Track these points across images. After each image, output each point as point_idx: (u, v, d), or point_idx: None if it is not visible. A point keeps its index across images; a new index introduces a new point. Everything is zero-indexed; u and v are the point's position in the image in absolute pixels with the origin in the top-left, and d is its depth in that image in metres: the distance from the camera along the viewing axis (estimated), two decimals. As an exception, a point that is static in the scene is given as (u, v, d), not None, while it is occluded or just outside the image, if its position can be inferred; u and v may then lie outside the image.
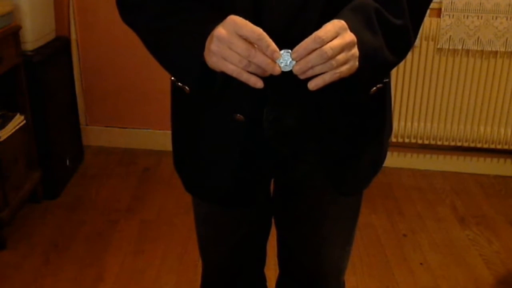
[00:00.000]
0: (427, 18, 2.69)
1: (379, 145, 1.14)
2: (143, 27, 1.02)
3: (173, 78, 1.10)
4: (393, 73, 2.79)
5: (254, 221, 1.25)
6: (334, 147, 1.06)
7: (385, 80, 1.07)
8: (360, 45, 0.88)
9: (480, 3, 2.63)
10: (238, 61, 0.85)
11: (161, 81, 2.12)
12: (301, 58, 0.84)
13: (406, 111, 2.87)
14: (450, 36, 2.69)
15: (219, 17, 0.88)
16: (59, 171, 2.66)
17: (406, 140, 2.91)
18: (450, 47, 2.72)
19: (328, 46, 0.83)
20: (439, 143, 2.90)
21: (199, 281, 1.39)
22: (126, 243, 2.31)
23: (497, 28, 2.66)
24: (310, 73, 0.85)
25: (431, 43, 2.74)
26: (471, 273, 2.19)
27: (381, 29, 0.92)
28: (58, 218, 2.46)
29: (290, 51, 0.85)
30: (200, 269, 1.37)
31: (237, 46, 0.84)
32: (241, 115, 1.00)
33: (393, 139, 2.88)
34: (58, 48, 2.62)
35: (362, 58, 0.89)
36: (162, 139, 2.99)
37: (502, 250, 2.34)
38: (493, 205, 2.67)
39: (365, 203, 1.25)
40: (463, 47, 2.71)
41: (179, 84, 1.06)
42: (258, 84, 0.86)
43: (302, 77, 0.86)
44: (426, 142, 2.91)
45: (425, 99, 2.84)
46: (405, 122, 2.88)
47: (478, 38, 2.68)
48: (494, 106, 2.82)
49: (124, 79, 3.00)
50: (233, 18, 0.85)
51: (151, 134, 3.08)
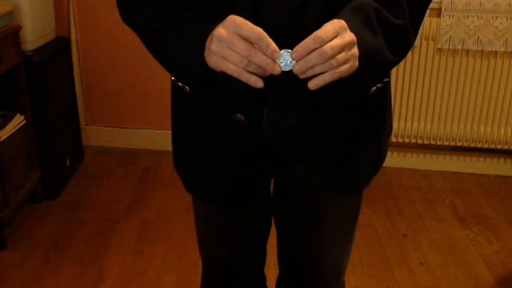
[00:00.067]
0: (427, 18, 2.69)
1: (379, 145, 1.14)
2: (143, 27, 1.02)
3: (173, 78, 1.10)
4: (393, 73, 2.79)
5: (254, 221, 1.25)
6: (334, 147, 1.06)
7: (385, 80, 1.07)
8: (360, 45, 0.88)
9: (480, 3, 2.63)
10: (238, 61, 0.85)
11: (161, 81, 2.12)
12: (301, 58, 0.84)
13: (406, 111, 2.87)
14: (450, 36, 2.69)
15: (219, 17, 0.88)
16: (59, 171, 2.66)
17: (406, 140, 2.91)
18: (450, 47, 2.72)
19: (328, 46, 0.83)
20: (439, 143, 2.90)
21: (199, 281, 1.39)
22: (126, 243, 2.31)
23: (497, 28, 2.66)
24: (310, 73, 0.85)
25: (431, 43, 2.74)
26: (471, 273, 2.19)
27: (381, 29, 0.93)
28: (58, 218, 2.46)
29: (290, 51, 0.85)
30: (200, 269, 1.37)
31: (237, 46, 0.84)
32: (241, 115, 1.00)
33: (393, 139, 2.88)
34: (58, 48, 2.62)
35: (362, 58, 0.89)
36: (162, 139, 2.99)
37: (502, 250, 2.34)
38: (493, 205, 2.67)
39: (365, 203, 1.25)
40: (463, 47, 2.71)
41: (179, 84, 1.07)
42: (259, 84, 0.86)
43: (302, 77, 0.86)
44: (426, 142, 2.91)
45: (425, 99, 2.84)
46: (405, 122, 2.88)
47: (478, 38, 2.68)
48: (494, 106, 2.82)
49: (124, 79, 3.00)
50: (233, 18, 0.86)
51: (151, 134, 3.08)
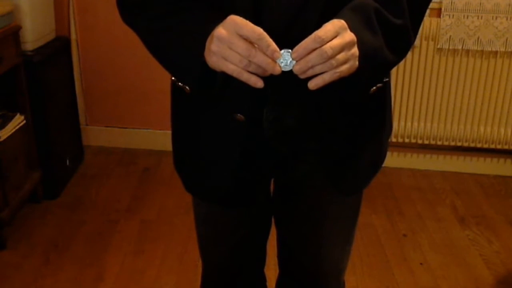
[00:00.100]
0: (427, 18, 2.69)
1: (379, 145, 1.14)
2: (143, 28, 1.02)
3: (173, 78, 1.10)
4: (393, 73, 2.79)
5: (254, 221, 1.25)
6: (334, 147, 1.06)
7: (385, 80, 1.07)
8: (360, 45, 0.88)
9: (480, 3, 2.63)
10: (239, 61, 0.85)
11: (161, 81, 2.12)
12: (301, 58, 0.84)
13: (406, 111, 2.87)
14: (450, 36, 2.69)
15: (219, 17, 0.88)
16: (59, 171, 2.66)
17: (406, 140, 2.91)
18: (450, 47, 2.72)
19: (328, 46, 0.83)
20: (439, 143, 2.90)
21: (199, 281, 1.39)
22: (126, 243, 2.31)
23: (497, 28, 2.66)
24: (310, 73, 0.85)
25: (431, 43, 2.74)
26: (471, 273, 2.19)
27: (381, 29, 0.93)
28: (58, 218, 2.46)
29: (290, 51, 0.85)
30: (200, 269, 1.37)
31: (238, 46, 0.84)
32: (241, 115, 1.00)
33: (393, 139, 2.88)
34: (58, 48, 2.62)
35: (362, 58, 0.89)
36: (162, 139, 2.99)
37: (502, 250, 2.34)
38: (493, 205, 2.67)
39: (365, 203, 1.25)
40: (463, 47, 2.71)
41: (179, 84, 1.07)
42: (259, 84, 0.86)
43: (302, 77, 0.86)
44: (426, 142, 2.91)
45: (425, 99, 2.84)
46: (405, 122, 2.88)
47: (478, 38, 2.68)
48: (494, 106, 2.82)
49: (124, 79, 3.00)
50: (233, 18, 0.85)
51: (151, 134, 3.08)
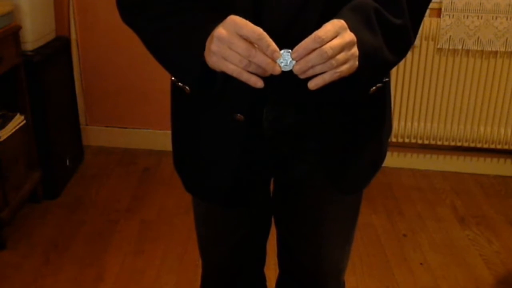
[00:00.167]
0: (427, 18, 2.70)
1: (379, 145, 1.14)
2: (143, 28, 1.02)
3: (173, 78, 1.10)
4: (393, 73, 2.79)
5: (254, 221, 1.25)
6: (334, 147, 1.06)
7: (385, 80, 1.07)
8: (360, 45, 0.88)
9: (480, 3, 2.63)
10: (239, 61, 0.85)
11: (161, 81, 2.12)
12: (301, 58, 0.84)
13: (406, 111, 2.87)
14: (450, 36, 2.69)
15: (219, 17, 0.88)
16: (59, 171, 2.66)
17: (406, 140, 2.91)
18: (450, 47, 2.72)
19: (328, 46, 0.83)
20: (439, 143, 2.90)
21: (199, 281, 1.39)
22: (126, 243, 2.31)
23: (497, 28, 2.66)
24: (310, 73, 0.85)
25: (431, 43, 2.74)
26: (471, 273, 2.19)
27: (381, 29, 0.93)
28: (58, 218, 2.46)
29: (290, 51, 0.85)
30: (200, 269, 1.37)
31: (238, 46, 0.85)
32: (241, 115, 1.00)
33: (393, 139, 2.88)
34: (58, 48, 2.62)
35: (362, 58, 0.89)
36: (162, 139, 2.99)
37: (502, 250, 2.34)
38: (493, 205, 2.67)
39: (365, 203, 1.25)
40: (463, 47, 2.71)
41: (179, 84, 1.07)
42: (259, 84, 0.86)
43: (302, 77, 0.86)
44: (426, 142, 2.91)
45: (425, 99, 2.84)
46: (405, 122, 2.88)
47: (478, 38, 2.68)
48: (494, 106, 2.82)
49: (124, 79, 3.00)
50: (233, 18, 0.86)
51: (151, 134, 3.08)
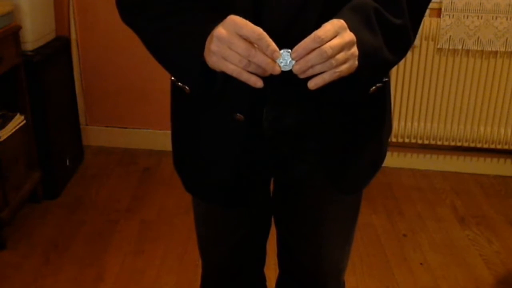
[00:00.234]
0: (427, 18, 2.70)
1: (379, 144, 1.14)
2: (143, 28, 1.02)
3: (173, 78, 1.10)
4: (393, 73, 2.79)
5: (254, 221, 1.25)
6: (334, 147, 1.06)
7: (385, 80, 1.07)
8: (360, 45, 0.88)
9: (480, 3, 2.63)
10: (238, 61, 0.85)
11: (161, 81, 2.12)
12: (301, 58, 0.84)
13: (406, 111, 2.87)
14: (450, 36, 2.69)
15: (219, 17, 0.88)
16: (59, 171, 2.66)
17: (406, 140, 2.91)
18: (450, 47, 2.72)
19: (328, 45, 0.83)
20: (439, 143, 2.90)
21: (199, 281, 1.39)
22: (126, 243, 2.31)
23: (497, 28, 2.66)
24: (310, 73, 0.85)
25: (431, 43, 2.74)
26: (471, 273, 2.19)
27: (381, 29, 0.93)
28: (58, 218, 2.46)
29: (290, 51, 0.85)
30: (200, 269, 1.37)
31: (237, 46, 0.85)
32: (241, 115, 1.00)
33: (393, 139, 2.88)
34: (58, 48, 2.62)
35: (362, 57, 0.89)
36: (162, 139, 2.99)
37: (502, 250, 2.33)
38: (493, 205, 2.67)
39: (365, 203, 1.25)
40: (463, 47, 2.71)
41: (179, 84, 1.07)
42: (258, 84, 0.86)
43: (302, 77, 0.86)
44: (426, 142, 2.91)
45: (425, 99, 2.84)
46: (405, 122, 2.88)
47: (478, 38, 2.68)
48: (494, 106, 2.82)
49: (124, 79, 3.00)
50: (233, 18, 0.86)
51: (151, 134, 3.08)
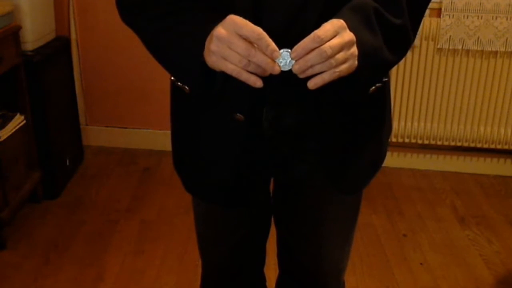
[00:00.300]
0: (427, 18, 2.70)
1: (379, 144, 1.14)
2: (143, 28, 1.02)
3: (173, 78, 1.10)
4: (393, 73, 2.79)
5: (254, 221, 1.25)
6: (334, 147, 1.06)
7: (384, 80, 1.07)
8: (359, 44, 0.88)
9: (480, 3, 2.63)
10: (238, 61, 0.85)
11: (161, 81, 2.12)
12: (301, 57, 0.84)
13: (406, 111, 2.87)
14: (450, 36, 2.69)
15: (219, 17, 0.88)
16: (59, 171, 2.66)
17: (406, 140, 2.91)
18: (450, 47, 2.72)
19: (327, 45, 0.83)
20: (439, 143, 2.90)
21: (199, 281, 1.39)
22: (126, 243, 2.31)
23: (497, 28, 2.66)
24: (310, 72, 0.85)
25: (431, 43, 2.74)
26: (471, 273, 2.19)
27: (380, 29, 0.93)
28: (58, 218, 2.46)
29: (290, 51, 0.85)
30: (200, 269, 1.37)
31: (237, 46, 0.85)
32: (241, 115, 1.00)
33: (393, 139, 2.88)
34: (58, 48, 2.62)
35: (361, 57, 0.89)
36: (162, 139, 2.99)
37: (502, 250, 2.33)
38: (493, 205, 2.67)
39: (365, 203, 1.25)
40: (463, 47, 2.71)
41: (179, 84, 1.07)
42: (258, 84, 0.86)
43: (302, 76, 0.86)
44: (426, 142, 2.91)
45: (425, 99, 2.84)
46: (405, 122, 2.88)
47: (478, 38, 2.68)
48: (494, 106, 2.82)
49: (124, 79, 3.00)
50: (233, 18, 0.86)
51: (151, 134, 3.08)
